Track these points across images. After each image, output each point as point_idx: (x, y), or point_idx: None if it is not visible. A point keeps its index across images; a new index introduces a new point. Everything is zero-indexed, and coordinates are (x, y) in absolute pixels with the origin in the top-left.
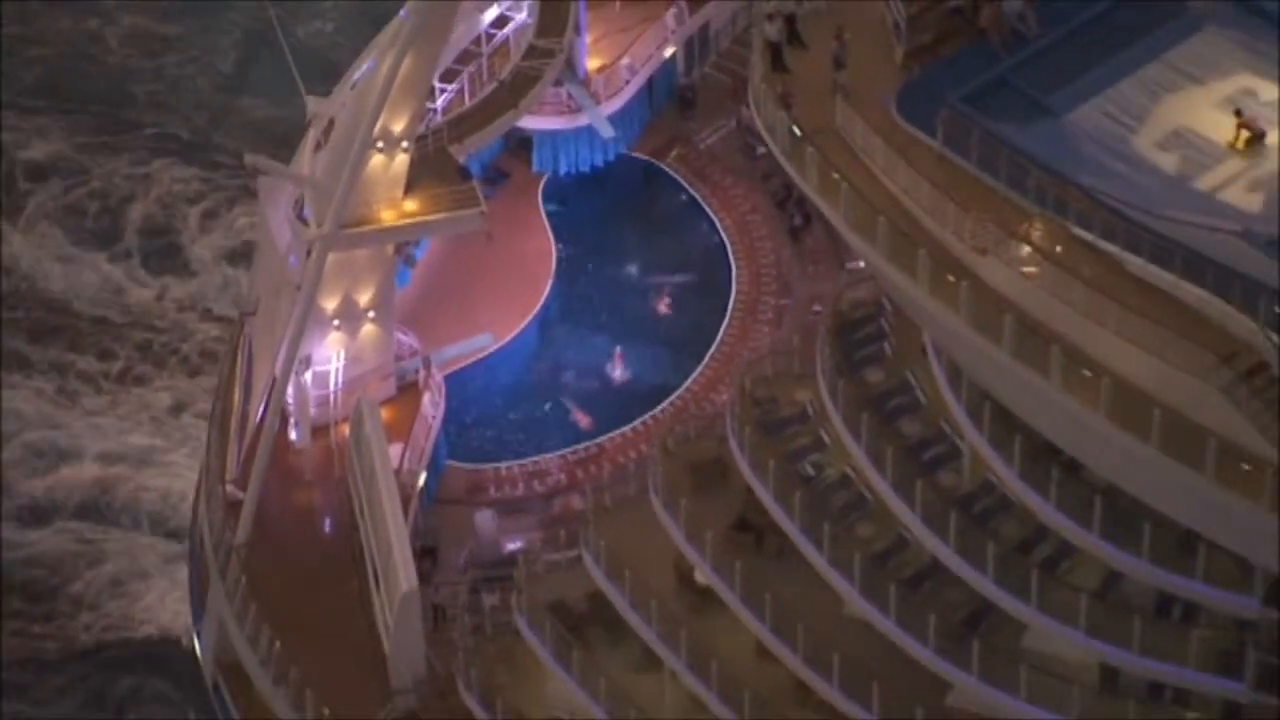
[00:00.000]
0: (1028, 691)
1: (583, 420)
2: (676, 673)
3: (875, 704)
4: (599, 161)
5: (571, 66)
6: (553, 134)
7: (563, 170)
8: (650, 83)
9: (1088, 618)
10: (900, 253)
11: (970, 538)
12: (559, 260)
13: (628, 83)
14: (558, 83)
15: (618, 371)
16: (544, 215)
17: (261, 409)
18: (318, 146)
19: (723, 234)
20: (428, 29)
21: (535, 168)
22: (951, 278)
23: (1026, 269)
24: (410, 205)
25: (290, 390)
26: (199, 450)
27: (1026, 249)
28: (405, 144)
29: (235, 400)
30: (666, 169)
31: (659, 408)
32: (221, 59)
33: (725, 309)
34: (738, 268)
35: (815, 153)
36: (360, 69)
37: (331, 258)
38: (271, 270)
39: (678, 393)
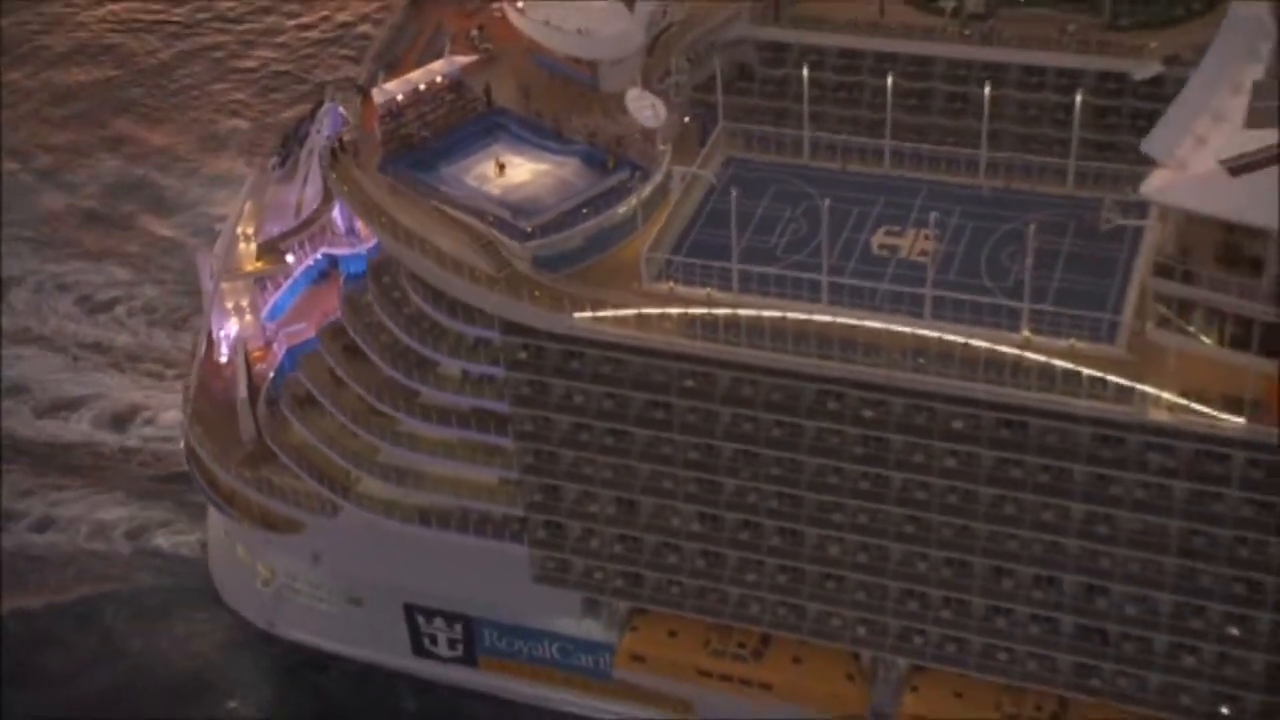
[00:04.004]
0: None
1: None
2: (332, 411)
3: (396, 373)
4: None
5: (352, 228)
6: (348, 256)
7: (353, 271)
8: None
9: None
10: (376, 219)
11: (396, 313)
12: None
13: None
14: (350, 231)
15: None
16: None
17: (202, 349)
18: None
19: None
20: (257, 189)
21: (341, 270)
22: (387, 222)
23: (418, 218)
24: (259, 264)
25: (216, 340)
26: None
27: (420, 212)
28: (254, 240)
29: (199, 353)
30: None
31: None
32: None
33: None
34: None
35: (345, 186)
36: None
37: (224, 285)
38: (205, 297)
39: None
